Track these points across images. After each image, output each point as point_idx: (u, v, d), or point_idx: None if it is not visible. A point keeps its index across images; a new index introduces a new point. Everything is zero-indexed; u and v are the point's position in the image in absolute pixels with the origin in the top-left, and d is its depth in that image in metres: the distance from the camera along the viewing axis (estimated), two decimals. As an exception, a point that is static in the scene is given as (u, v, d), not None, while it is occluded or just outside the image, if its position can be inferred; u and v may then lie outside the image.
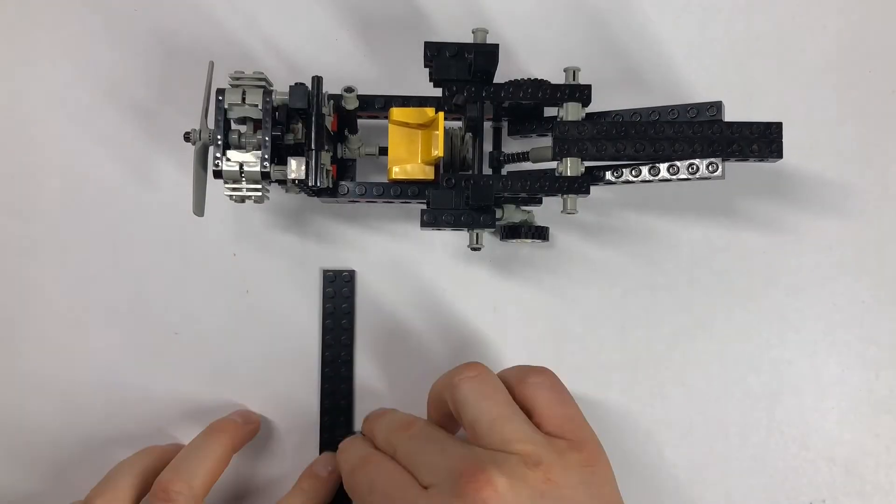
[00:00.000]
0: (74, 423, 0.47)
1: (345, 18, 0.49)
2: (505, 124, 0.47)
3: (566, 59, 0.44)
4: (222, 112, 0.40)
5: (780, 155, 0.40)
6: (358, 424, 0.47)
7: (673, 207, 0.48)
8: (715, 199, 0.48)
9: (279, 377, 0.47)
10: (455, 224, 0.41)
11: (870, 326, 0.47)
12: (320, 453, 0.47)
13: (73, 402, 0.47)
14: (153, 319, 0.47)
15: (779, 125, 0.40)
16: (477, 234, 0.42)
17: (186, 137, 0.41)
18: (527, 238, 0.45)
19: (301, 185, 0.41)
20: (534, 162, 0.44)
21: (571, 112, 0.42)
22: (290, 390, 0.47)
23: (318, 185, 0.40)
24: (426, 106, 0.43)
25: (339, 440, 0.44)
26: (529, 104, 0.43)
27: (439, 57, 0.41)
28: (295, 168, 0.40)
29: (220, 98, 0.40)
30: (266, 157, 0.39)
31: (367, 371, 0.48)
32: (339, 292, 0.47)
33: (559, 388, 0.41)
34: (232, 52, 0.48)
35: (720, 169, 0.40)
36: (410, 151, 0.43)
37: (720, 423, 0.47)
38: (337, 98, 0.42)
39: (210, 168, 0.40)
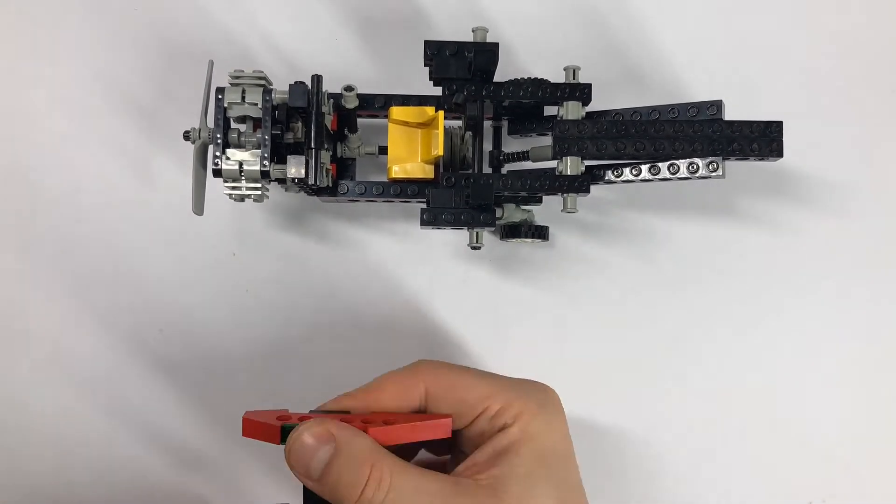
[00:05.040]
0: (74, 422, 0.47)
1: (345, 17, 0.49)
2: (505, 123, 0.47)
3: (566, 58, 0.44)
4: (222, 111, 0.40)
5: (780, 154, 0.40)
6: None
7: (673, 207, 0.48)
8: (715, 199, 0.48)
9: (279, 374, 0.47)
10: (455, 223, 0.41)
11: (870, 326, 0.47)
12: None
13: (72, 401, 0.47)
14: (153, 318, 0.47)
15: (779, 124, 0.40)
16: (477, 233, 0.42)
17: (186, 136, 0.41)
18: (527, 237, 0.45)
19: (301, 183, 0.41)
20: (534, 161, 0.44)
21: (571, 111, 0.42)
22: (290, 386, 0.47)
23: (318, 183, 0.40)
24: (426, 105, 0.43)
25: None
26: (529, 103, 0.43)
27: (439, 56, 0.41)
28: (294, 167, 0.40)
29: (220, 97, 0.40)
30: (266, 155, 0.39)
31: (366, 370, 0.47)
32: None
33: None
34: (232, 51, 0.48)
35: (720, 168, 0.40)
36: (410, 150, 0.42)
37: (720, 423, 0.47)
38: (337, 97, 0.42)
39: (210, 167, 0.40)
